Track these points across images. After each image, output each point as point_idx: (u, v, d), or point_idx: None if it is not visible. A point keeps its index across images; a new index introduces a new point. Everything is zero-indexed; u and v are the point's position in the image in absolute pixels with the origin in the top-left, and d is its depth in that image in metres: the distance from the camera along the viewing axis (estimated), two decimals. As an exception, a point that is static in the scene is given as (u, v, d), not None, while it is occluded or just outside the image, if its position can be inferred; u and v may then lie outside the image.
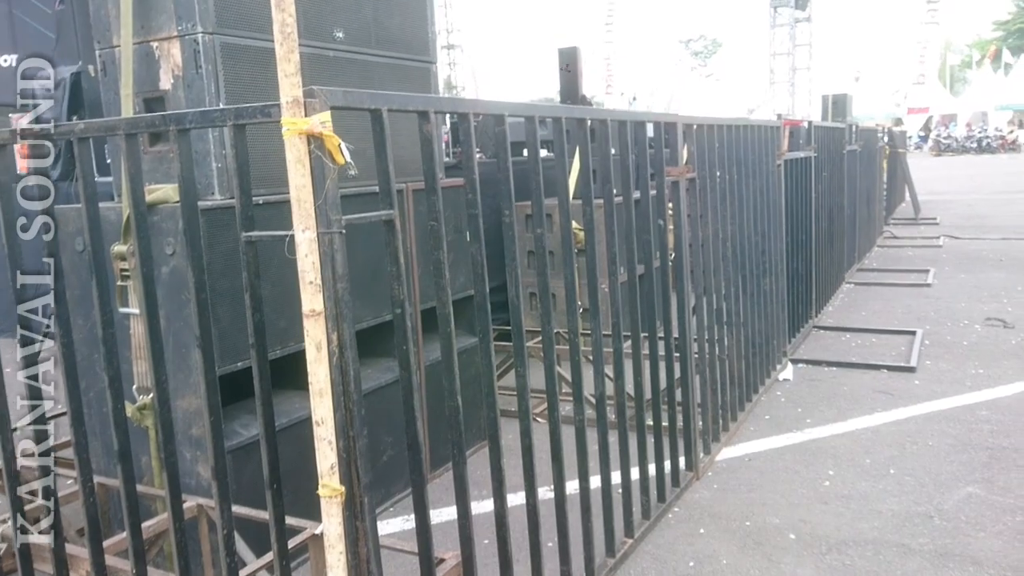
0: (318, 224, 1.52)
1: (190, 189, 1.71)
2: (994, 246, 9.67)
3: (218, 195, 2.66)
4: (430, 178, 1.87)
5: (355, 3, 3.17)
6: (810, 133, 5.97)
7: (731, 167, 4.00)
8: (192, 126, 1.69)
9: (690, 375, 3.58)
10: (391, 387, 3.41)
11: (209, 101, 2.59)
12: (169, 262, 2.58)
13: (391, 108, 1.71)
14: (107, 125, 1.94)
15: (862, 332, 5.94)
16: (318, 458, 1.61)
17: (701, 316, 3.73)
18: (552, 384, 2.56)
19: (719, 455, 3.79)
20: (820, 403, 4.43)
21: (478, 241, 2.06)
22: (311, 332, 1.55)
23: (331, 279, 1.55)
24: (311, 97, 1.50)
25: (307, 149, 1.49)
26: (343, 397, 1.61)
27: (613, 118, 2.80)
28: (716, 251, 3.85)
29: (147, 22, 2.65)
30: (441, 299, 1.92)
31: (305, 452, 2.84)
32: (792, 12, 22.89)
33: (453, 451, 2.00)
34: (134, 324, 2.71)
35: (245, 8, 2.70)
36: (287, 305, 2.80)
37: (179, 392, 2.67)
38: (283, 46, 1.44)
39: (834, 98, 11.40)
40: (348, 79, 3.12)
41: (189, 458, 2.73)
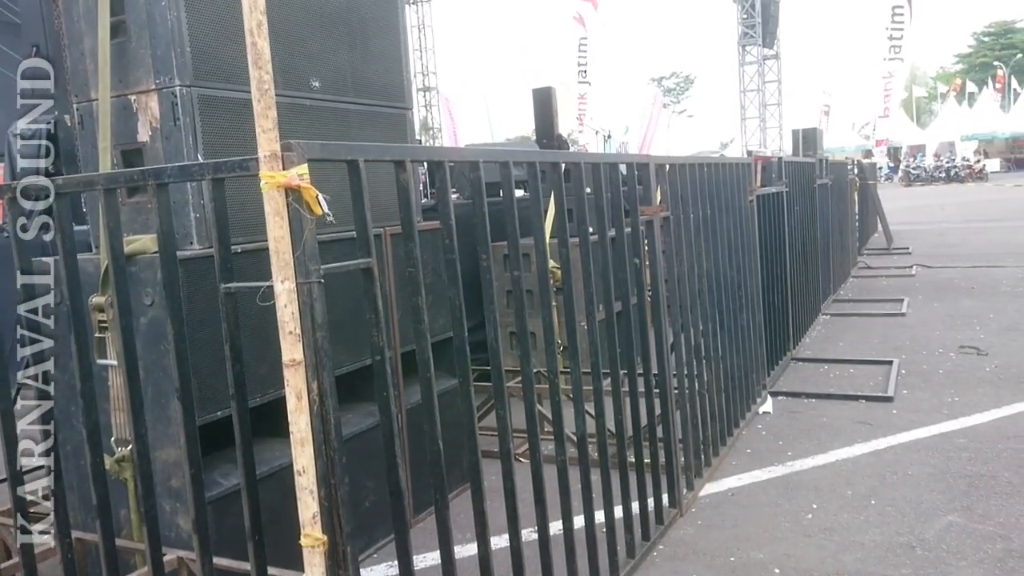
0: (297, 275, 1.54)
1: (169, 242, 1.72)
2: (965, 274, 9.84)
3: (196, 244, 2.67)
4: (407, 226, 1.90)
5: (331, 52, 3.23)
6: (781, 168, 6.08)
7: (704, 204, 4.07)
8: (171, 180, 1.71)
9: (671, 411, 3.60)
10: (372, 432, 3.39)
11: (187, 152, 2.61)
12: (148, 312, 2.58)
13: (368, 159, 1.75)
14: (86, 180, 1.96)
15: (840, 363, 6.00)
16: (300, 508, 1.61)
17: (680, 352, 3.76)
18: (533, 424, 2.58)
19: (702, 491, 3.80)
20: (800, 435, 4.46)
21: (456, 286, 2.08)
22: (291, 382, 1.56)
23: (311, 329, 1.57)
24: (289, 151, 1.53)
25: (285, 201, 1.52)
26: (324, 445, 1.61)
27: (587, 161, 2.86)
28: (692, 287, 3.90)
29: (125, 76, 2.68)
30: (420, 345, 1.94)
31: (287, 499, 2.82)
32: (760, 50, 23.43)
33: (436, 497, 2.00)
34: (112, 375, 2.70)
35: (222, 61, 2.75)
36: (267, 352, 2.80)
37: (159, 443, 2.65)
38: (260, 102, 1.47)
39: (804, 133, 11.58)
40: (325, 127, 3.16)
41: (169, 510, 2.70)
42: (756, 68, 23.87)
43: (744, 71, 23.99)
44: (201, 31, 2.67)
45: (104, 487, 1.98)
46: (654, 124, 20.71)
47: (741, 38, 23.58)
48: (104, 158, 2.64)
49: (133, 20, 2.65)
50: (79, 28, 2.75)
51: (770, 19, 23.22)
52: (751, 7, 23.01)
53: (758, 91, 23.87)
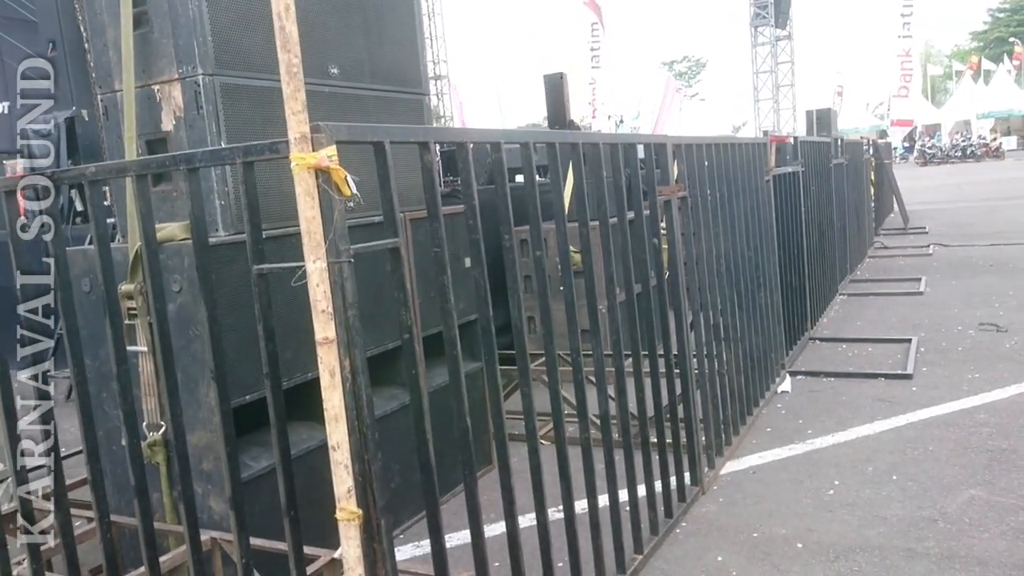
0: (328, 254, 1.57)
1: (200, 226, 1.76)
2: (983, 252, 9.77)
3: (222, 232, 2.71)
4: (432, 205, 1.93)
5: (348, 40, 3.25)
6: (797, 148, 6.06)
7: (721, 185, 4.08)
8: (202, 164, 1.75)
9: (691, 391, 3.62)
10: (396, 415, 3.44)
11: (211, 140, 2.65)
12: (176, 299, 2.62)
13: (393, 140, 1.78)
14: (118, 167, 2.00)
15: (858, 342, 6.00)
16: (335, 482, 1.65)
17: (699, 332, 3.78)
18: (557, 405, 2.61)
19: (723, 469, 3.83)
20: (820, 413, 4.47)
21: (480, 265, 2.11)
22: (324, 359, 1.59)
23: (342, 307, 1.60)
24: (317, 132, 1.56)
25: (315, 183, 1.55)
26: (357, 421, 1.65)
27: (605, 142, 2.87)
28: (711, 267, 3.91)
29: (148, 66, 2.72)
30: (447, 323, 1.97)
31: (313, 482, 2.88)
32: (772, 31, 23.22)
33: (464, 472, 2.03)
34: (142, 362, 2.75)
35: (243, 49, 2.78)
36: (292, 337, 2.84)
37: (189, 427, 2.69)
38: (289, 85, 1.50)
39: (818, 113, 11.54)
40: (344, 113, 3.19)
41: (200, 492, 2.76)
42: (769, 49, 23.68)
43: (757, 52, 23.81)
44: (222, 20, 2.71)
45: (141, 469, 2.03)
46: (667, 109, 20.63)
47: (753, 19, 23.39)
48: (130, 148, 2.69)
49: (155, 11, 2.68)
50: (102, 20, 2.79)
51: (782, 0, 23.03)
52: (762, -13, 22.82)
53: (771, 72, 23.69)
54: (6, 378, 2.24)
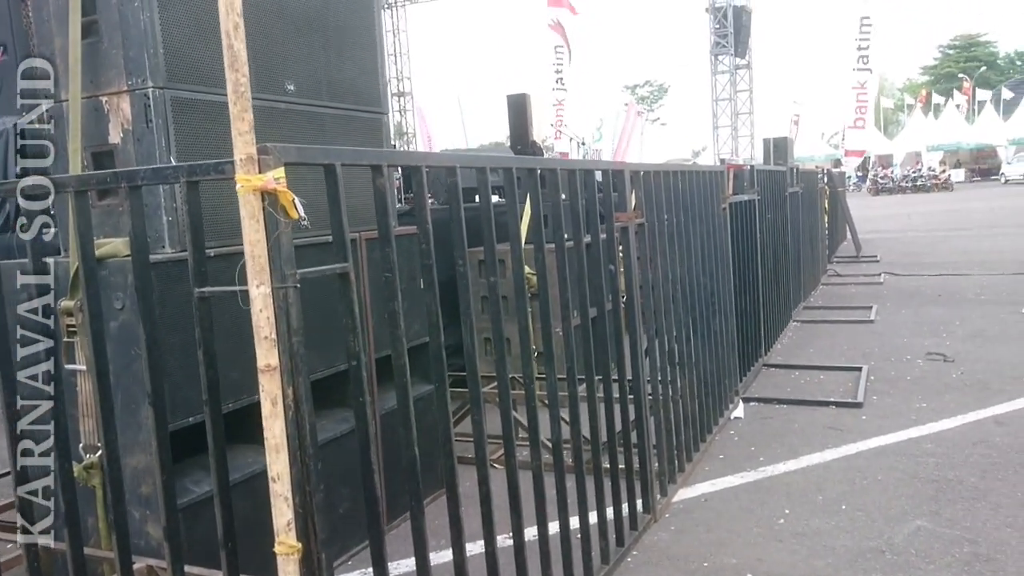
0: (272, 279, 1.52)
1: (142, 246, 1.70)
2: (932, 282, 10.00)
3: (168, 248, 2.64)
4: (384, 230, 1.89)
5: (306, 56, 3.21)
6: (753, 176, 6.15)
7: (678, 211, 4.10)
8: (144, 183, 1.69)
9: (645, 417, 3.62)
10: (346, 437, 3.37)
11: (159, 154, 2.58)
12: (118, 316, 2.54)
13: (344, 163, 1.74)
14: (57, 182, 1.92)
15: (810, 369, 6.07)
16: (274, 515, 1.59)
17: (654, 357, 3.78)
18: (509, 430, 2.57)
19: (676, 496, 3.82)
20: (772, 441, 4.50)
21: (433, 291, 2.08)
22: (266, 387, 1.54)
23: (286, 333, 1.55)
24: (265, 154, 1.52)
25: (261, 205, 1.51)
26: (299, 452, 1.60)
27: (563, 167, 2.87)
28: (666, 293, 3.92)
29: (96, 77, 2.64)
30: (397, 350, 1.93)
31: (259, 506, 2.78)
32: (732, 60, 23.68)
33: (411, 504, 1.99)
34: (81, 381, 2.65)
35: (195, 62, 2.72)
36: (240, 357, 2.76)
37: (128, 450, 2.61)
38: (237, 105, 1.46)
39: (775, 142, 11.72)
40: (300, 131, 3.14)
41: (138, 517, 2.66)
42: (728, 77, 24.13)
43: (716, 80, 24.24)
44: (174, 32, 2.64)
45: (73, 495, 1.94)
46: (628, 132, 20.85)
47: (713, 48, 23.83)
48: (75, 160, 2.60)
49: (105, 20, 2.61)
50: (49, 28, 2.71)
51: (742, 29, 23.48)
52: (723, 17, 23.26)
53: (730, 100, 24.14)
54: None
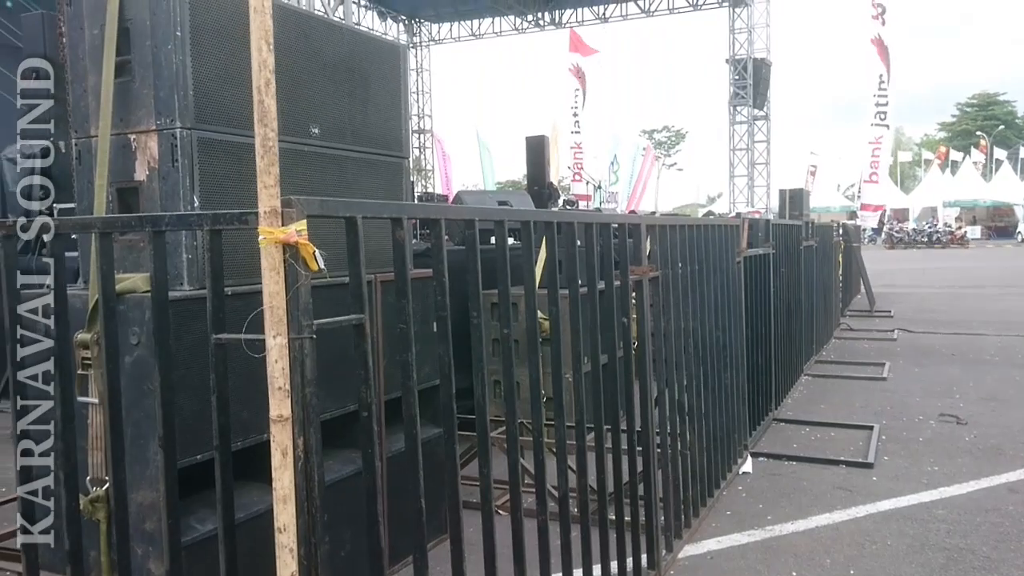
0: (290, 330, 1.54)
1: (162, 289, 1.72)
2: (946, 341, 9.93)
3: (187, 286, 2.67)
4: (402, 282, 1.91)
5: (332, 100, 3.27)
6: (768, 230, 6.16)
7: (693, 263, 4.12)
8: (169, 228, 1.72)
9: (652, 469, 3.59)
10: (352, 479, 3.35)
11: (183, 193, 2.62)
12: (133, 352, 2.56)
13: (365, 216, 1.77)
14: (83, 223, 1.96)
15: (821, 426, 6.01)
16: (278, 566, 1.59)
17: (663, 409, 3.76)
18: (516, 479, 2.56)
19: (681, 552, 3.77)
20: (781, 499, 4.45)
21: (446, 342, 2.09)
22: (278, 438, 1.55)
23: (300, 384, 1.56)
24: (288, 207, 1.54)
25: (282, 258, 1.53)
26: (307, 503, 1.60)
27: (580, 220, 2.89)
28: (678, 344, 3.92)
29: (126, 115, 2.70)
30: (408, 401, 1.94)
31: (263, 547, 2.76)
32: (750, 110, 23.87)
33: (416, 555, 1.98)
34: (92, 414, 2.66)
35: (223, 104, 2.77)
36: (250, 397, 2.77)
37: (135, 484, 2.60)
38: (264, 159, 1.49)
39: (791, 193, 11.79)
40: (323, 173, 3.19)
41: (141, 554, 2.65)
42: (746, 128, 24.31)
43: (734, 130, 24.42)
44: (205, 75, 2.70)
45: (78, 531, 1.94)
46: (644, 176, 20.99)
47: (732, 98, 24.05)
48: (100, 195, 2.65)
49: (138, 61, 2.67)
50: (83, 65, 2.77)
51: (761, 81, 23.72)
52: (743, 69, 23.51)
53: (747, 150, 24.28)
54: None
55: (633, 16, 27.59)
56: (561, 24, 28.32)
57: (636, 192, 25.59)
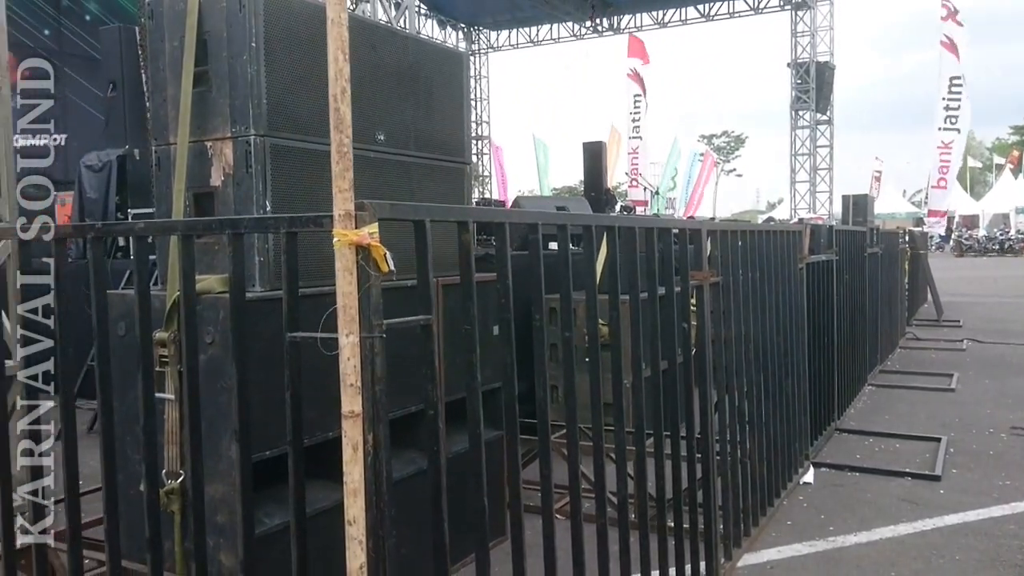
0: (361, 329, 1.59)
1: (239, 289, 1.80)
2: (1018, 351, 9.59)
3: (259, 287, 2.76)
4: (467, 285, 1.95)
5: (397, 107, 3.35)
6: (832, 237, 6.06)
7: (754, 269, 4.08)
8: (247, 231, 1.79)
9: (712, 476, 3.57)
10: (412, 479, 3.42)
11: (256, 198, 2.72)
12: (208, 350, 2.66)
13: (434, 219, 1.82)
14: (166, 226, 2.05)
15: (885, 437, 5.88)
16: (348, 557, 1.64)
17: (723, 416, 3.74)
18: (576, 484, 2.59)
19: (740, 561, 3.74)
20: (843, 510, 4.37)
21: (510, 344, 2.12)
22: (349, 433, 1.60)
23: (371, 382, 1.62)
24: (361, 210, 1.60)
25: (355, 259, 1.59)
26: (376, 497, 1.65)
27: (641, 225, 2.90)
28: (739, 351, 3.89)
29: (203, 123, 2.81)
30: (471, 400, 1.98)
31: (325, 543, 2.85)
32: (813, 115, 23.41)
33: (478, 554, 2.01)
34: (168, 409, 2.77)
35: (295, 113, 2.87)
36: (316, 397, 2.85)
37: (207, 478, 2.70)
38: (339, 164, 1.55)
39: (855, 199, 11.53)
40: (388, 178, 3.27)
41: (212, 545, 2.74)
42: (808, 132, 23.86)
43: (796, 135, 23.99)
44: (278, 84, 2.80)
45: (157, 522, 2.04)
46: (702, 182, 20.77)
47: (794, 102, 23.64)
48: (178, 200, 2.76)
49: (215, 71, 2.78)
50: (164, 76, 2.90)
51: (824, 85, 23.26)
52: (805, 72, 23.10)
53: (809, 155, 23.82)
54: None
55: (692, 20, 27.35)
56: (620, 29, 28.22)
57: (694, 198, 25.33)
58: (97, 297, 2.08)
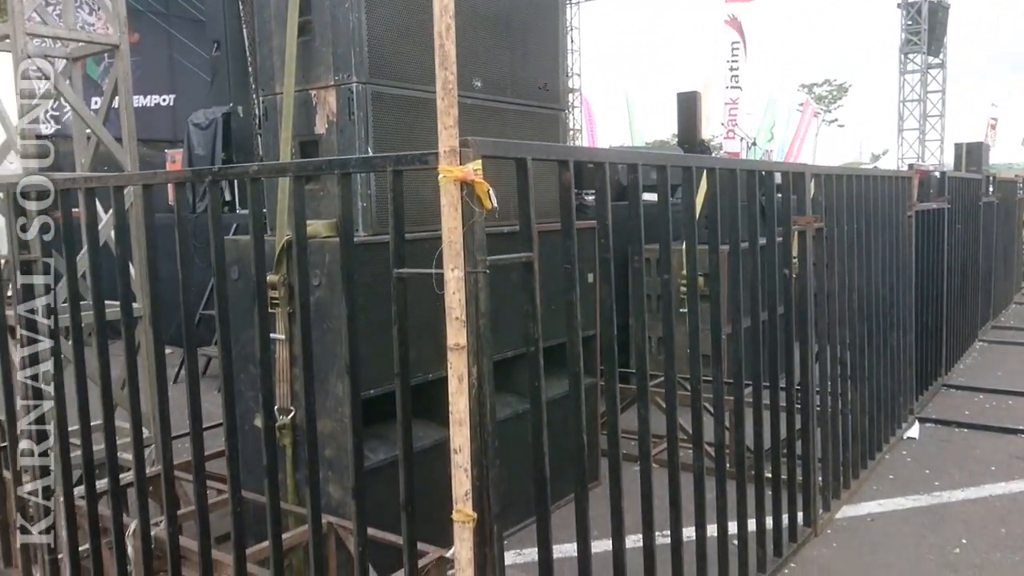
0: (466, 264, 1.63)
1: (349, 227, 1.86)
2: None
3: (362, 232, 2.85)
4: (567, 223, 1.96)
5: (493, 54, 3.35)
6: (943, 184, 5.76)
7: (859, 217, 3.93)
8: (355, 170, 1.85)
9: (811, 427, 3.50)
10: (507, 422, 3.49)
11: (359, 145, 2.79)
12: (315, 292, 2.77)
13: (535, 157, 1.83)
14: (278, 168, 2.14)
15: (997, 393, 5.62)
16: (454, 484, 1.70)
17: (824, 367, 3.66)
18: (673, 430, 2.59)
19: (839, 513, 3.68)
20: (950, 465, 4.22)
21: (608, 284, 2.13)
22: (454, 364, 1.65)
23: (475, 315, 1.66)
24: (465, 147, 1.62)
25: (460, 195, 1.62)
26: (479, 427, 1.70)
27: (742, 168, 2.84)
28: (841, 301, 3.77)
29: (307, 72, 2.89)
30: (572, 339, 2.00)
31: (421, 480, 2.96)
32: (924, 58, 22.03)
33: (577, 488, 2.05)
34: (278, 349, 2.91)
35: (395, 60, 2.91)
36: (415, 339, 2.93)
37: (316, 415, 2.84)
38: (444, 100, 1.57)
39: (968, 147, 10.89)
40: (484, 125, 3.29)
41: (321, 478, 2.88)
42: (919, 77, 22.51)
43: (905, 80, 22.66)
44: (378, 32, 2.85)
45: (274, 450, 2.16)
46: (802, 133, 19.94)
47: (904, 45, 22.28)
48: (285, 148, 2.86)
49: (318, 21, 2.85)
50: (270, 27, 2.98)
51: (937, 26, 21.81)
52: (917, 13, 21.72)
53: (919, 101, 22.51)
54: (161, 356, 2.42)
55: (794, -38, 25.95)
56: (716, -26, 27.12)
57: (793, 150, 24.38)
58: (215, 240, 2.18)
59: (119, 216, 2.45)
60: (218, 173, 2.12)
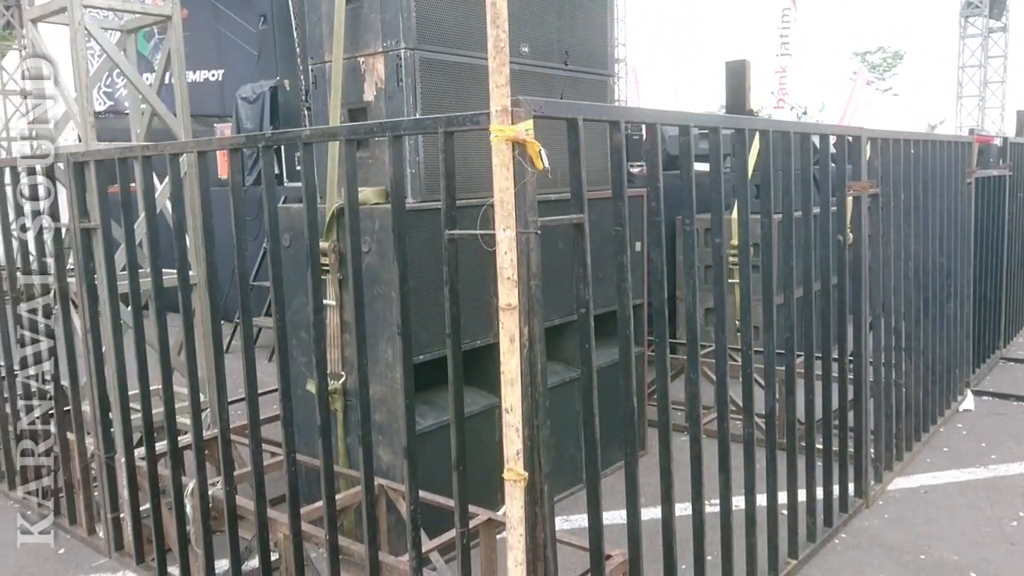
0: (518, 224, 1.63)
1: (400, 191, 1.87)
2: None
3: (411, 199, 2.86)
4: (618, 185, 1.95)
5: (540, 20, 3.32)
6: (1006, 150, 5.56)
7: (916, 184, 3.83)
8: (406, 133, 1.85)
9: (864, 399, 3.45)
10: (554, 390, 3.50)
11: (407, 111, 2.79)
12: (365, 259, 2.79)
13: (587, 118, 1.81)
14: (330, 132, 2.15)
15: (1059, 367, 5.46)
16: (505, 443, 1.71)
17: (878, 338, 3.58)
18: (724, 398, 2.57)
19: (891, 484, 3.62)
20: (1007, 439, 4.12)
21: (659, 247, 2.11)
22: (506, 325, 1.66)
23: (526, 276, 1.66)
24: (517, 107, 1.61)
25: (511, 155, 1.61)
26: (530, 387, 1.71)
27: (795, 131, 2.77)
28: (897, 271, 3.69)
29: (355, 39, 2.90)
30: (622, 303, 1.99)
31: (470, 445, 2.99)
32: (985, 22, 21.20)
33: (627, 452, 2.05)
34: (329, 315, 2.96)
35: (442, 25, 2.90)
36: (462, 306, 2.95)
37: (367, 380, 2.88)
38: (496, 59, 1.56)
39: (1032, 113, 10.47)
40: (532, 91, 3.25)
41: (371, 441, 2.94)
42: (979, 42, 21.69)
43: (965, 44, 21.87)
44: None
45: (327, 413, 2.19)
46: (855, 102, 19.41)
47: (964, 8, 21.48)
48: (334, 116, 2.88)
49: (366, -14, 2.84)
50: (318, -6, 2.99)
51: (999, -13, 20.97)
52: (978, -26, 20.90)
53: (980, 67, 21.71)
54: (217, 323, 2.47)
55: (848, -75, 25.15)
56: (766, -61, 26.40)
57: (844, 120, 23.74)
58: (269, 205, 2.21)
59: (175, 184, 2.50)
60: (271, 139, 2.14)
